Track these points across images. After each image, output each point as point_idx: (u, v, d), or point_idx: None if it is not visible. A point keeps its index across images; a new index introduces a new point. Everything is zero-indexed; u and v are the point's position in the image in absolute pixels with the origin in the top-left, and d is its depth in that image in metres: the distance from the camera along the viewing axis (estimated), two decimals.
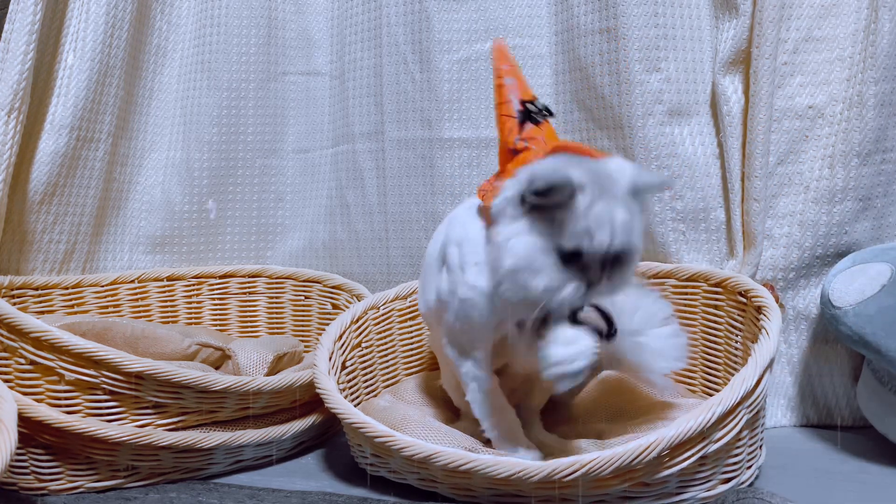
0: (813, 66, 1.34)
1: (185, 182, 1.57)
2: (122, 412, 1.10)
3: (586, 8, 1.37)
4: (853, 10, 1.32)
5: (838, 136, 1.33)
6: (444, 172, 1.48)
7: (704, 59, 1.35)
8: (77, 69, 1.39)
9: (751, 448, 1.04)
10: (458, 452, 0.98)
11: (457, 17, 1.47)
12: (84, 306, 1.44)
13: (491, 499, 1.00)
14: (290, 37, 1.61)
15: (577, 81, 1.41)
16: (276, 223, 1.63)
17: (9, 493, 1.08)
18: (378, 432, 1.02)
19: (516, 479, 0.93)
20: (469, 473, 0.96)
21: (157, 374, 1.09)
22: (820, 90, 1.34)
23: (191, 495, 1.09)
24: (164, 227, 1.57)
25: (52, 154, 1.37)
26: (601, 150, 1.37)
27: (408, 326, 1.36)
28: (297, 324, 1.56)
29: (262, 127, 1.60)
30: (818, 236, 1.33)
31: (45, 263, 1.40)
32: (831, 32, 1.33)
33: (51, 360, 1.08)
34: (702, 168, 1.34)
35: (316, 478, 1.17)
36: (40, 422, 1.06)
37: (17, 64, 1.26)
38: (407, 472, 1.06)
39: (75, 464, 1.10)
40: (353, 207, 1.57)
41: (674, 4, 1.33)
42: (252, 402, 1.18)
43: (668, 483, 0.96)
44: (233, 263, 1.60)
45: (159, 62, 1.58)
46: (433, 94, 1.47)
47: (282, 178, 1.63)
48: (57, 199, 1.40)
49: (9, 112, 1.25)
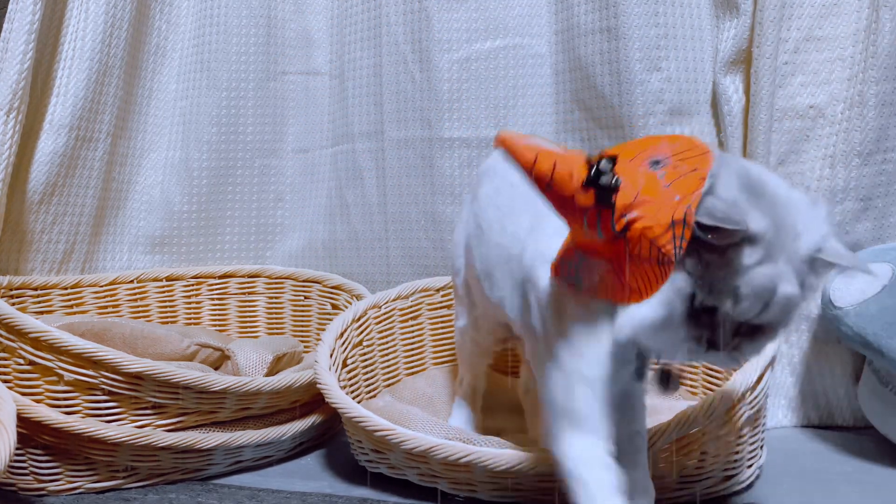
0: (814, 66, 1.34)
1: (185, 182, 1.56)
2: (121, 412, 1.10)
3: (586, 7, 1.37)
4: (854, 9, 1.32)
5: (839, 136, 1.32)
6: (444, 172, 1.47)
7: (705, 59, 1.35)
8: (76, 69, 1.39)
9: (751, 447, 1.04)
10: (457, 445, 0.98)
11: (457, 16, 1.47)
12: (83, 306, 1.43)
13: (491, 493, 1.00)
14: (289, 36, 1.61)
15: (577, 81, 1.40)
16: (276, 223, 1.63)
17: (8, 494, 1.08)
18: (378, 426, 1.02)
19: (516, 472, 0.93)
20: (469, 466, 0.96)
21: (157, 375, 1.09)
22: (821, 90, 1.33)
23: (190, 496, 1.09)
24: (163, 227, 1.56)
25: (51, 154, 1.37)
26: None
27: (409, 326, 1.36)
28: (297, 324, 1.56)
29: (262, 127, 1.60)
30: None
31: (44, 263, 1.40)
32: (832, 32, 1.33)
33: (50, 360, 1.08)
34: None
35: (316, 478, 1.17)
36: (39, 422, 1.06)
37: (17, 63, 1.26)
38: (406, 468, 1.06)
39: (74, 464, 1.09)
40: (353, 207, 1.56)
41: (674, 4, 1.33)
42: (251, 403, 1.18)
43: (667, 479, 0.96)
44: (232, 263, 1.60)
45: (158, 62, 1.58)
46: (433, 94, 1.47)
47: (281, 178, 1.63)
48: (56, 199, 1.39)
49: (8, 112, 1.25)
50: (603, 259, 0.76)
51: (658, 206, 0.70)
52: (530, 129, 1.46)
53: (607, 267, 0.75)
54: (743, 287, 0.69)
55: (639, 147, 0.76)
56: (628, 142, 0.79)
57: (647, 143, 0.77)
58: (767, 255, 0.70)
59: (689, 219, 0.68)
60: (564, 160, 0.74)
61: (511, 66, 1.47)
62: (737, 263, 0.69)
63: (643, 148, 0.76)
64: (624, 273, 0.73)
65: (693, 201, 0.69)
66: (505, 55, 1.47)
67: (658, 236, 0.70)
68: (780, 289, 0.70)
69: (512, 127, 1.46)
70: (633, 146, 0.77)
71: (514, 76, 1.47)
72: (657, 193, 0.71)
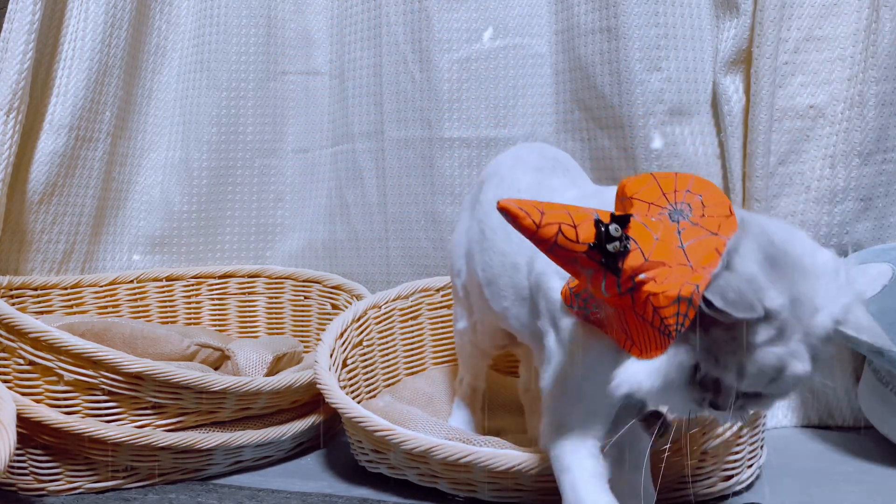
0: (814, 66, 1.34)
1: (185, 182, 1.56)
2: (121, 412, 1.10)
3: (586, 7, 1.37)
4: (854, 9, 1.32)
5: (839, 136, 1.32)
6: (444, 172, 1.47)
7: (705, 59, 1.35)
8: (76, 69, 1.39)
9: (751, 447, 1.04)
10: (457, 445, 0.98)
11: (457, 16, 1.47)
12: (83, 306, 1.43)
13: (491, 493, 1.00)
14: (289, 36, 1.61)
15: (577, 81, 1.40)
16: (276, 223, 1.63)
17: (8, 494, 1.08)
18: (378, 426, 1.03)
19: (515, 472, 0.93)
20: (469, 466, 0.96)
21: (157, 375, 1.09)
22: (821, 90, 1.33)
23: (190, 496, 1.09)
24: (163, 227, 1.56)
25: (50, 154, 1.37)
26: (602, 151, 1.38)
27: (409, 326, 1.36)
28: (297, 324, 1.56)
29: (262, 127, 1.60)
30: (819, 236, 1.33)
31: (43, 263, 1.40)
32: (832, 32, 1.33)
33: (50, 360, 1.08)
34: (702, 168, 1.33)
35: (316, 478, 1.17)
36: (39, 422, 1.06)
37: (17, 63, 1.26)
38: (406, 468, 1.06)
39: (74, 464, 1.09)
40: (353, 207, 1.56)
41: (674, 4, 1.33)
42: (251, 403, 1.18)
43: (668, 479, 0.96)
44: (232, 264, 1.60)
45: (158, 62, 1.58)
46: (433, 94, 1.47)
47: (281, 178, 1.63)
48: (56, 199, 1.39)
49: (8, 112, 1.25)
50: (607, 304, 0.74)
51: (669, 271, 0.67)
52: (530, 129, 1.46)
53: (612, 311, 0.74)
54: (749, 365, 0.66)
55: (661, 187, 0.73)
56: (650, 178, 0.75)
57: (670, 182, 0.74)
58: (780, 333, 0.66)
59: (695, 299, 0.65)
60: (570, 219, 0.70)
61: (511, 66, 1.47)
62: (746, 341, 0.66)
63: (666, 188, 0.73)
64: (625, 324, 0.72)
65: (703, 280, 0.66)
66: (505, 55, 1.47)
67: (662, 307, 0.67)
68: (789, 368, 0.66)
69: (512, 127, 1.46)
70: (653, 188, 0.74)
71: (514, 76, 1.47)
72: (670, 255, 0.68)
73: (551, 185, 1.02)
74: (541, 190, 1.00)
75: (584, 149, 1.40)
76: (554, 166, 1.07)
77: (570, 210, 0.71)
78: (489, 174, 1.13)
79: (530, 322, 0.95)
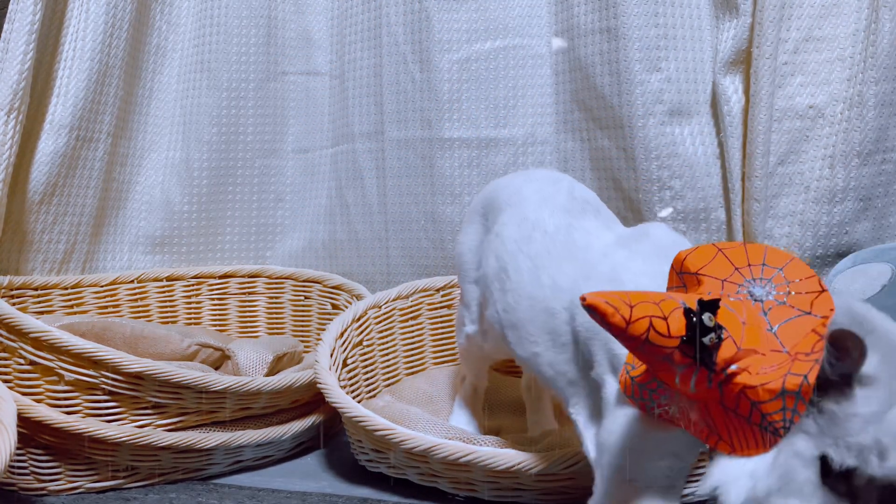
0: (813, 66, 1.34)
1: (185, 182, 1.56)
2: (121, 412, 1.10)
3: (586, 7, 1.37)
4: (853, 9, 1.32)
5: (839, 136, 1.32)
6: (444, 172, 1.47)
7: (705, 59, 1.35)
8: (76, 69, 1.39)
9: None
10: (457, 445, 0.98)
11: (457, 16, 1.47)
12: (83, 306, 1.43)
13: (491, 493, 1.00)
14: (289, 37, 1.61)
15: (577, 81, 1.40)
16: (276, 223, 1.63)
17: (8, 494, 1.08)
18: (378, 425, 1.03)
19: (516, 471, 0.93)
20: (469, 466, 0.96)
21: (157, 375, 1.09)
22: (820, 90, 1.33)
23: (190, 496, 1.09)
24: (163, 227, 1.56)
25: (51, 154, 1.37)
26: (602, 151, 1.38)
27: (409, 326, 1.36)
28: (297, 324, 1.56)
29: (262, 127, 1.60)
30: (819, 236, 1.33)
31: (44, 263, 1.40)
32: (832, 32, 1.33)
33: (50, 360, 1.08)
34: (702, 168, 1.33)
35: (316, 478, 1.17)
36: (40, 422, 1.06)
37: (17, 64, 1.26)
38: (406, 467, 1.06)
39: (75, 464, 1.09)
40: (353, 207, 1.56)
41: (674, 4, 1.33)
42: (251, 403, 1.18)
43: None
44: (232, 264, 1.60)
45: (159, 62, 1.58)
46: (433, 94, 1.47)
47: (281, 178, 1.63)
48: (56, 199, 1.39)
49: (8, 112, 1.25)
50: (685, 396, 0.65)
51: (762, 359, 0.61)
52: (530, 129, 1.46)
53: (691, 404, 0.65)
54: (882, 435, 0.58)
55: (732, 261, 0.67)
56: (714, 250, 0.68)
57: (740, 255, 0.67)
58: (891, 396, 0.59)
59: (805, 392, 0.58)
60: (660, 311, 0.62)
61: (511, 67, 1.47)
62: (862, 407, 0.59)
63: (738, 262, 0.66)
64: (713, 419, 0.64)
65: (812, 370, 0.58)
66: (505, 55, 1.47)
67: (763, 402, 0.59)
68: None
69: (512, 127, 1.46)
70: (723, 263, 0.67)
71: (514, 76, 1.47)
72: (761, 340, 0.61)
73: (584, 226, 0.96)
74: (572, 232, 0.95)
75: (584, 149, 1.41)
76: (584, 208, 1.00)
77: (656, 299, 0.63)
78: (507, 197, 1.05)
79: (570, 369, 0.88)
